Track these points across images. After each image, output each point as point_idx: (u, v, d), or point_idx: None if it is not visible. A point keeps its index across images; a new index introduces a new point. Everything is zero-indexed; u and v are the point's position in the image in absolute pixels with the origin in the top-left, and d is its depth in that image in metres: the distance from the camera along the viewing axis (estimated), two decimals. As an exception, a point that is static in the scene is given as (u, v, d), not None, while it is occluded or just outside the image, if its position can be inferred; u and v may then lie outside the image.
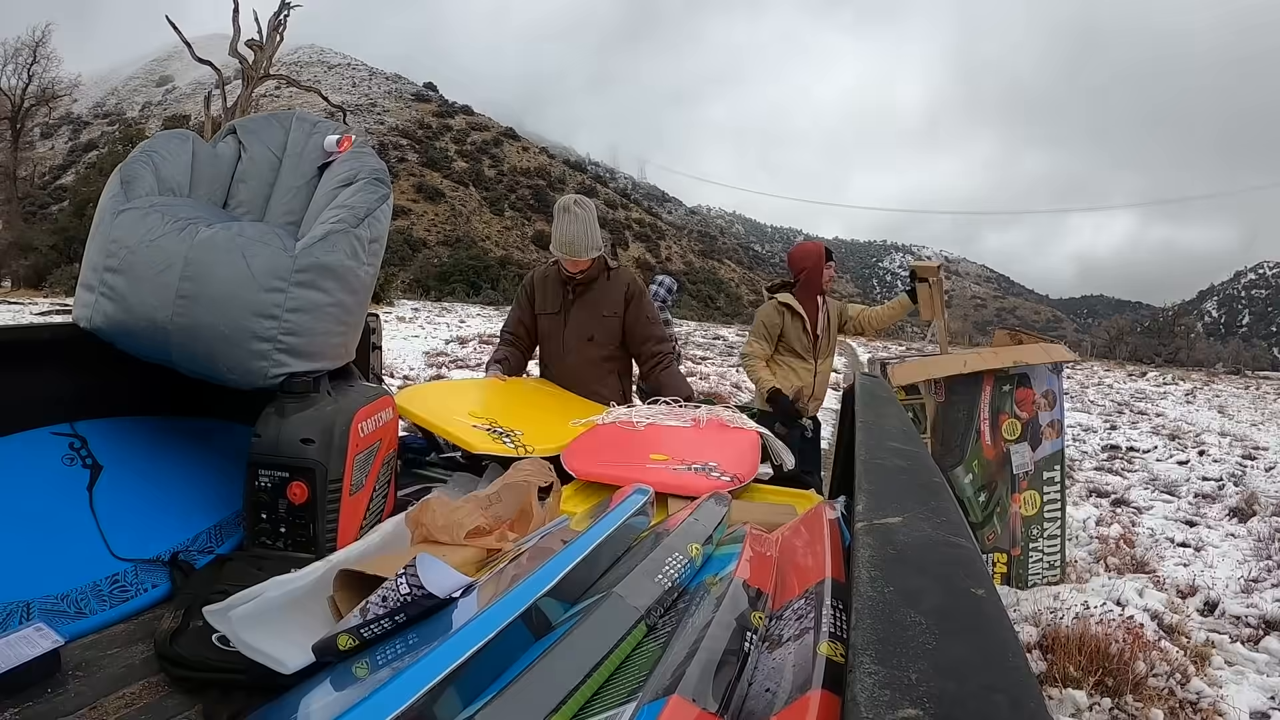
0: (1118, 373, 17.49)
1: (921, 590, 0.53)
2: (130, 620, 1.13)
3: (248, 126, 1.71)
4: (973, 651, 0.46)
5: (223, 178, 1.63)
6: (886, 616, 0.49)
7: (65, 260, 16.79)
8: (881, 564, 0.57)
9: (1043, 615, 2.97)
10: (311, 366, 1.40)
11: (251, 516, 1.34)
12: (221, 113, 17.74)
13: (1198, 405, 11.98)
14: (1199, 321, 63.61)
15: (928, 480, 0.84)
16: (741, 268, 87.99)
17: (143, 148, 1.54)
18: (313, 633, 0.94)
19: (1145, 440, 8.11)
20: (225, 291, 1.31)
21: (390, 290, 19.36)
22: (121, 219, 1.37)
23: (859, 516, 0.69)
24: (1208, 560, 4.11)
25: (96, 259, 1.37)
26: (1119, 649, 2.62)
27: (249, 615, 0.91)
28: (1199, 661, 2.78)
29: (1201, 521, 4.97)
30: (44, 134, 66.45)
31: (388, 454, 1.53)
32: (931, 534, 0.65)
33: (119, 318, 1.34)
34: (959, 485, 3.36)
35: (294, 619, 0.96)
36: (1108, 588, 3.45)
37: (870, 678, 0.41)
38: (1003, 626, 0.50)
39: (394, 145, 66.42)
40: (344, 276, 1.43)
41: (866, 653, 0.44)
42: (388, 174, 1.60)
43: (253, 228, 1.42)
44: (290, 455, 1.30)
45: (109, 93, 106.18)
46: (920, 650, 0.45)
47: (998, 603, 0.53)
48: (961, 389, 3.36)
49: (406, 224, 53.29)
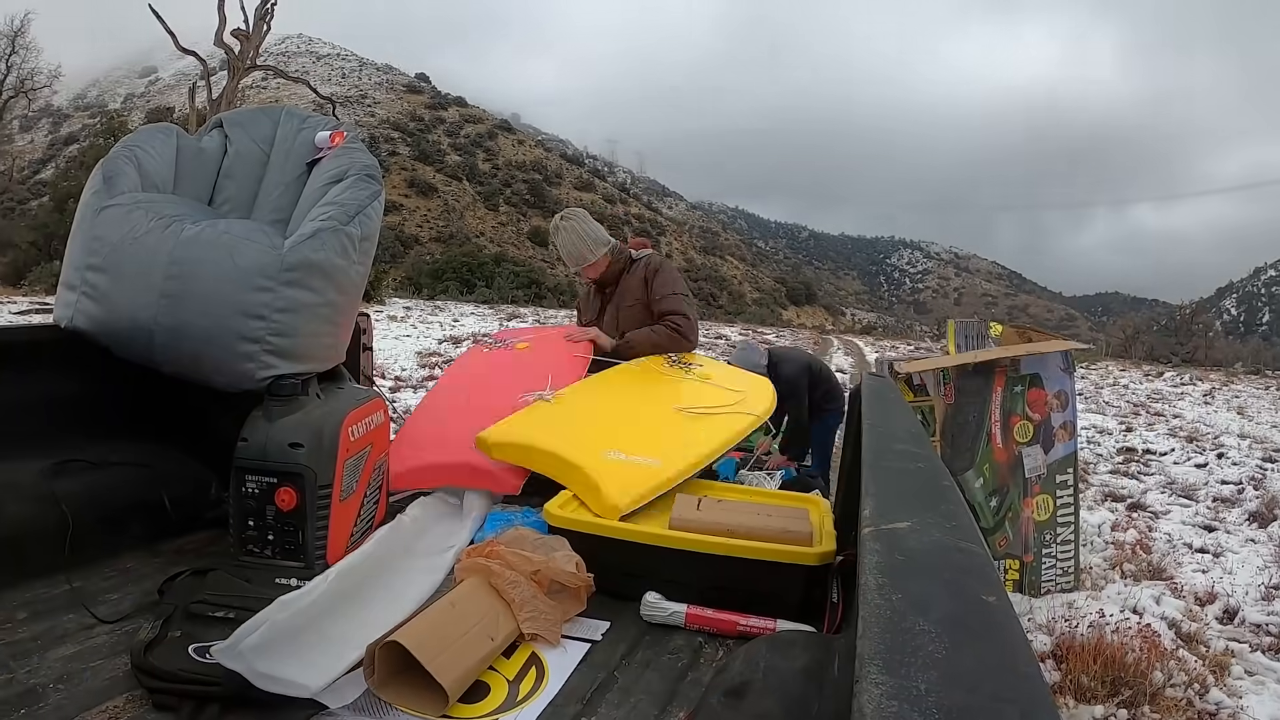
0: (1133, 372, 17.48)
1: (931, 597, 0.53)
2: (111, 631, 1.13)
3: (235, 120, 1.71)
4: (984, 661, 0.46)
5: (208, 173, 1.63)
6: (894, 625, 0.49)
7: (45, 258, 16.76)
8: (889, 570, 0.57)
9: (1056, 623, 2.97)
10: (300, 368, 1.40)
11: (238, 524, 1.34)
12: (207, 105, 17.73)
13: (1216, 406, 11.97)
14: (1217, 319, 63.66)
15: (937, 483, 0.84)
16: (744, 265, 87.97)
17: (125, 142, 1.54)
18: (329, 650, 0.94)
19: (1162, 442, 8.10)
20: (211, 291, 1.31)
21: (381, 289, 19.34)
22: (104, 216, 1.37)
23: (866, 521, 0.69)
24: (1227, 566, 4.11)
25: (78, 257, 1.37)
26: (1135, 658, 2.62)
27: (261, 644, 0.90)
28: (1218, 671, 2.78)
29: (1220, 526, 4.97)
30: (23, 127, 66.33)
31: (379, 458, 1.53)
32: (941, 539, 0.65)
33: (101, 318, 1.34)
34: (969, 489, 3.36)
35: (307, 640, 0.96)
36: (1123, 595, 3.45)
37: (877, 688, 0.41)
38: (1015, 635, 0.50)
39: (385, 138, 66.40)
40: (334, 275, 1.43)
41: (874, 662, 0.44)
42: (379, 170, 1.61)
43: (240, 225, 1.42)
44: (278, 460, 1.30)
45: (90, 84, 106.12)
46: (929, 660, 0.45)
47: (1009, 610, 0.53)
48: (971, 390, 3.36)
49: (398, 220, 53.27)
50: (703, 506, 1.39)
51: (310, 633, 0.97)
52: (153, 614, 1.13)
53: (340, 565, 1.15)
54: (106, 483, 1.38)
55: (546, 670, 1.06)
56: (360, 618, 1.08)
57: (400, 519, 1.50)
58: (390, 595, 1.20)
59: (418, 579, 1.30)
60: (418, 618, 1.03)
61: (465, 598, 1.10)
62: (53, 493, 1.27)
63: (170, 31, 17.03)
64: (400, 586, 1.24)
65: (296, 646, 0.93)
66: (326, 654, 0.96)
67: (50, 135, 74.08)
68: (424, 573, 1.33)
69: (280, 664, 0.89)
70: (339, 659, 0.98)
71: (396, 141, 68.77)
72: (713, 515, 1.34)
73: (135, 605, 1.20)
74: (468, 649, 1.01)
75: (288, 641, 0.93)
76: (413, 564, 1.34)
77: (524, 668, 1.07)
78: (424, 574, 1.33)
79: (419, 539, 1.46)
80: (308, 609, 0.99)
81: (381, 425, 1.53)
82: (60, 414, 1.40)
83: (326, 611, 1.02)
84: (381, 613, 1.12)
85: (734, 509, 1.40)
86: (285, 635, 0.93)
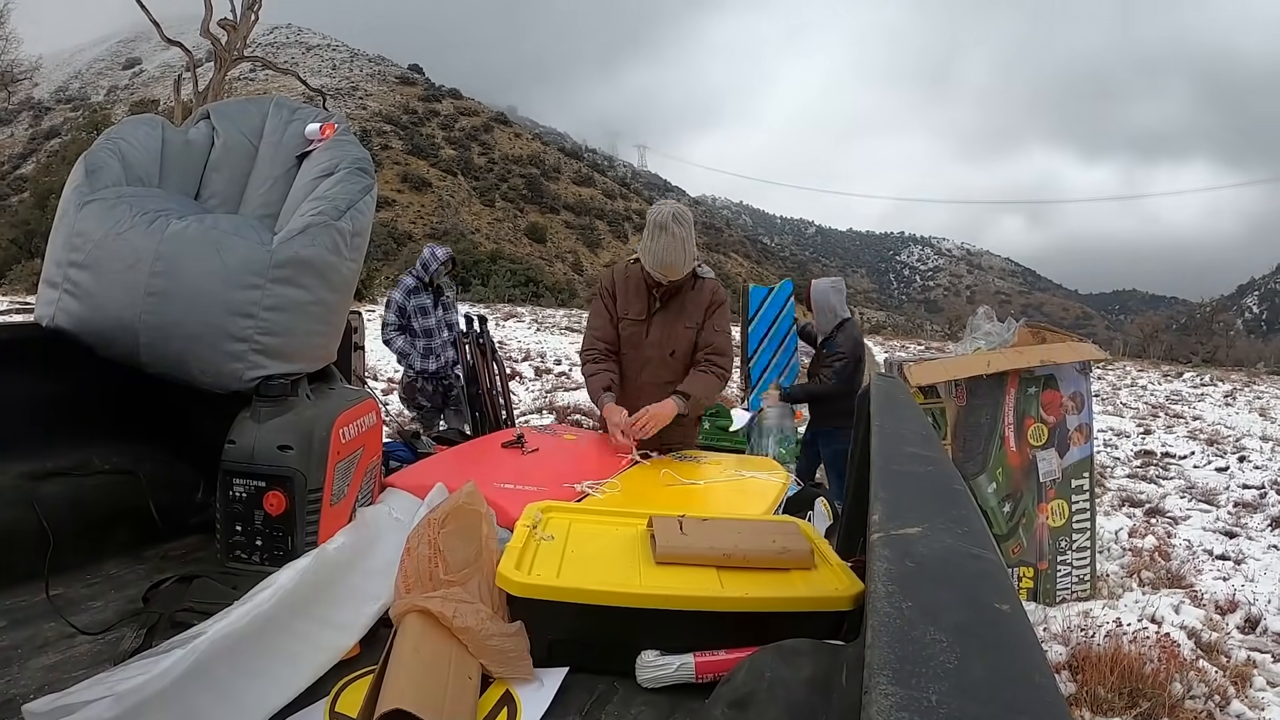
0: (1152, 373, 17.48)
1: (942, 606, 0.53)
2: (95, 640, 1.13)
3: (222, 111, 1.71)
4: (997, 672, 0.46)
5: (195, 166, 1.63)
6: (904, 634, 0.49)
7: (26, 255, 16.80)
8: (899, 578, 0.57)
9: (1072, 633, 2.97)
10: (290, 368, 1.40)
11: (225, 529, 1.34)
12: (192, 97, 17.74)
13: (1238, 407, 11.96)
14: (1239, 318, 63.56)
15: (949, 488, 0.84)
16: (749, 261, 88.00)
17: (109, 134, 1.54)
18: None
19: (1181, 445, 8.10)
20: (198, 288, 1.31)
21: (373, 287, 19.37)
22: (87, 211, 1.37)
23: (875, 526, 0.69)
24: (1249, 574, 4.11)
25: (60, 254, 1.38)
26: (1153, 669, 2.62)
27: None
28: (1239, 682, 2.78)
29: (1242, 532, 4.97)
30: (2, 120, 66.56)
31: (371, 461, 1.53)
32: (953, 545, 0.65)
33: (84, 316, 1.34)
34: (981, 494, 3.36)
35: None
36: (1141, 604, 3.44)
37: (887, 699, 0.41)
38: (1029, 645, 0.50)
39: (377, 131, 66.46)
40: (325, 272, 1.43)
41: (883, 672, 0.44)
42: (371, 164, 1.61)
43: (227, 220, 1.42)
44: (267, 463, 1.30)
45: (72, 76, 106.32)
46: (941, 670, 0.45)
47: (1024, 619, 0.53)
48: (984, 392, 3.36)
49: (391, 216, 53.32)
50: (686, 528, 1.28)
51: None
52: (137, 623, 1.13)
53: (221, 625, 0.96)
54: (89, 486, 1.38)
55: (519, 707, 0.99)
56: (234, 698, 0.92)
57: (323, 551, 1.26)
58: (275, 667, 0.99)
59: (316, 646, 1.07)
60: (390, 674, 0.93)
61: (423, 639, 1.00)
62: (31, 500, 1.27)
63: (155, 21, 17.05)
64: (290, 654, 1.02)
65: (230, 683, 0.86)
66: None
67: (31, 129, 74.17)
68: (332, 634, 1.11)
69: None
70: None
71: (389, 135, 68.85)
72: (702, 539, 1.25)
73: (119, 613, 1.20)
74: (460, 695, 0.95)
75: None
76: (312, 628, 1.09)
77: (495, 708, 1.00)
78: (332, 636, 1.11)
79: (334, 586, 1.20)
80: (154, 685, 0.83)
81: (374, 427, 1.53)
82: (42, 416, 1.40)
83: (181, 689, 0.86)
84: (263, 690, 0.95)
85: (719, 529, 1.30)
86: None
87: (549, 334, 15.54)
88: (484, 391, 3.80)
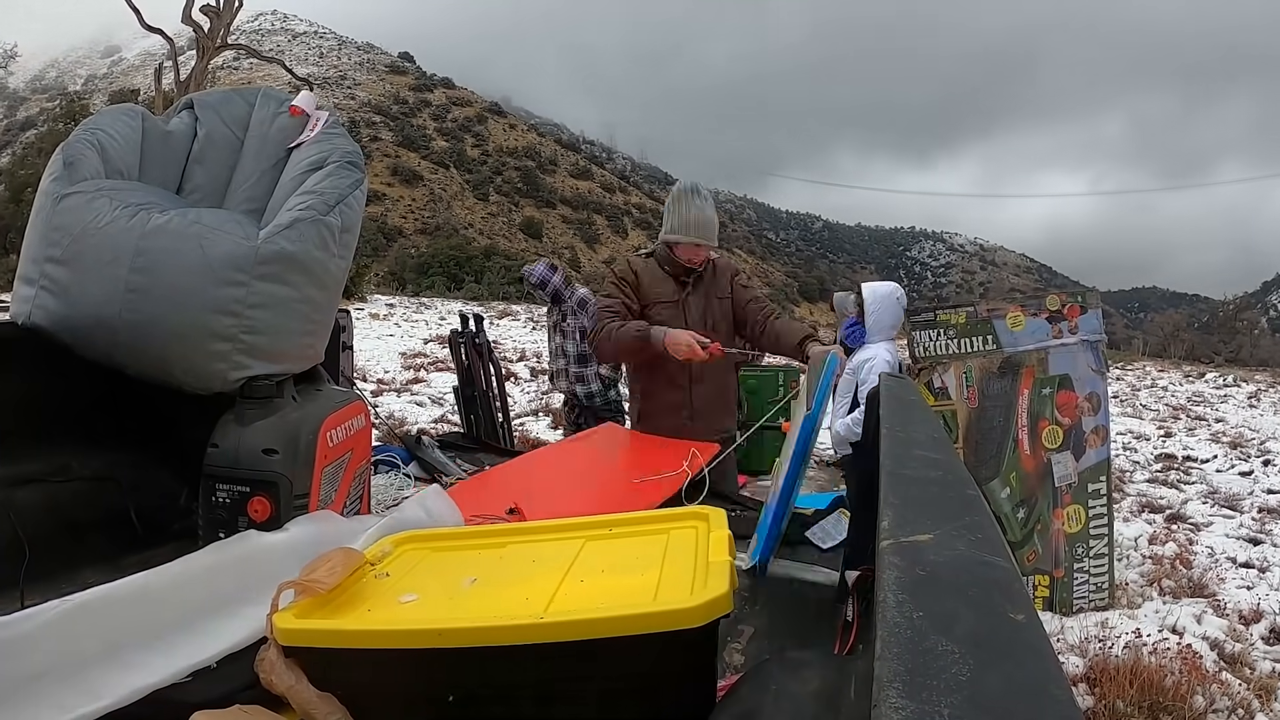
0: (1173, 373, 17.49)
1: (954, 615, 0.53)
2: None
3: (206, 101, 1.71)
4: (1012, 684, 0.46)
5: (177, 159, 1.63)
6: (915, 645, 0.49)
7: (1, 252, 16.82)
8: (910, 586, 0.57)
9: (1089, 644, 2.97)
10: (275, 369, 1.40)
11: (208, 536, 1.33)
12: (174, 87, 17.75)
13: (1262, 409, 11.97)
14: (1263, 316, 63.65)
15: (961, 492, 0.84)
16: (754, 258, 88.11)
17: (87, 125, 1.54)
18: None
19: (1204, 449, 8.11)
20: (180, 285, 1.31)
21: (363, 284, 19.40)
22: (64, 205, 1.37)
23: (884, 533, 0.69)
24: (1273, 582, 4.11)
25: (36, 249, 1.38)
26: (1175, 682, 2.62)
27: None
28: (1264, 695, 2.78)
29: (1267, 539, 4.97)
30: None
31: (360, 465, 1.53)
32: (965, 553, 0.65)
33: (62, 314, 1.34)
34: (995, 500, 3.36)
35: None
36: (1162, 613, 3.44)
37: (897, 713, 0.41)
38: (1045, 656, 0.50)
39: (366, 122, 66.55)
40: (312, 269, 1.43)
41: (893, 685, 0.44)
42: (361, 158, 1.61)
43: (211, 214, 1.42)
44: (251, 467, 1.30)
45: (49, 64, 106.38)
46: (953, 683, 0.45)
47: (1039, 630, 0.53)
48: (996, 392, 3.36)
49: (381, 210, 53.36)
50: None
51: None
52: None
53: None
54: (67, 493, 1.38)
55: None
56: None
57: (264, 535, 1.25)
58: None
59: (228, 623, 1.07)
60: None
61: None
62: (6, 508, 1.27)
63: (134, 7, 17.05)
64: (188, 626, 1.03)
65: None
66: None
67: (5, 120, 74.26)
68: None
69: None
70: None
71: (379, 126, 68.91)
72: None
73: (98, 624, 1.20)
74: None
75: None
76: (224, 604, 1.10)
77: None
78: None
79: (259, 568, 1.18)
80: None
81: (363, 430, 1.53)
82: (16, 417, 1.40)
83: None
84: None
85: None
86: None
87: (544, 333, 15.57)
88: (480, 393, 3.81)
